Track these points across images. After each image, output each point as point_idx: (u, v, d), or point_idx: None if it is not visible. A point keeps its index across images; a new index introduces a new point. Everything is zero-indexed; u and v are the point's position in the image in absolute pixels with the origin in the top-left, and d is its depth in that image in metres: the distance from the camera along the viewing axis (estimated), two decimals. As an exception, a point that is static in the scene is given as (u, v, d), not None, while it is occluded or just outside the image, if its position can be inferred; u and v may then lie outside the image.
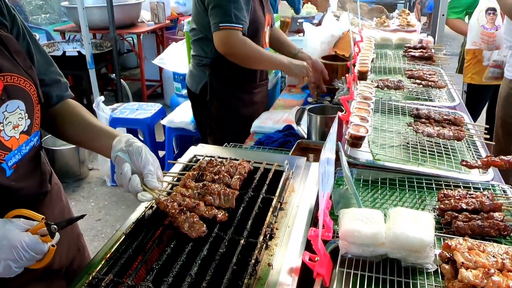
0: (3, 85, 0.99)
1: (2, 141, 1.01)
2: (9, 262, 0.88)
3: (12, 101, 1.02)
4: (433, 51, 2.90)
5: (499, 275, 0.86)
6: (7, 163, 1.02)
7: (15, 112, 1.03)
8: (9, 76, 1.01)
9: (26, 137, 1.08)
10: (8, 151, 1.02)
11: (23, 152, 1.07)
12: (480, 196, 1.27)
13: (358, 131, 1.54)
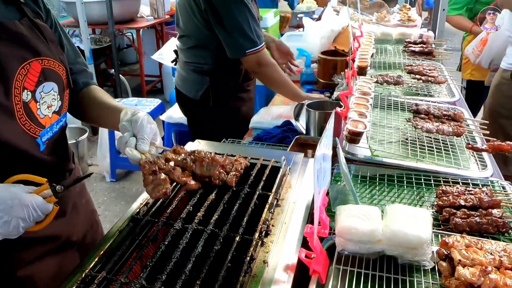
0: (41, 67, 1.11)
1: (38, 119, 1.11)
2: (19, 220, 0.93)
3: (48, 83, 1.13)
4: (433, 46, 2.88)
5: (497, 273, 0.85)
6: (41, 138, 1.13)
7: (50, 93, 1.14)
8: (46, 60, 1.12)
9: (57, 117, 1.19)
10: (42, 128, 1.13)
11: (54, 130, 1.18)
12: (479, 193, 1.26)
13: (357, 126, 1.53)
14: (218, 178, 1.18)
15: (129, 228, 1.06)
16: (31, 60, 1.08)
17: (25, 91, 1.07)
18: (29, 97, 1.08)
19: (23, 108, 1.06)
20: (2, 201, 0.92)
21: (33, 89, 1.09)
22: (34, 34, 1.11)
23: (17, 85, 1.05)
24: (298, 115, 2.17)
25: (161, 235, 1.04)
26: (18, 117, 1.06)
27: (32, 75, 1.08)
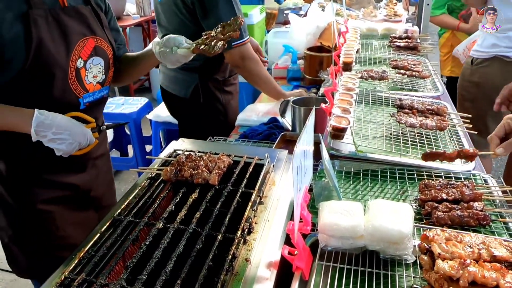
0: (94, 44, 1.43)
1: (84, 83, 1.42)
2: (78, 144, 1.34)
3: (97, 57, 1.45)
4: (418, 41, 2.90)
5: (475, 265, 0.86)
6: (83, 99, 1.43)
7: (97, 66, 1.45)
8: (99, 39, 1.45)
9: (100, 87, 1.49)
10: (86, 91, 1.43)
11: (95, 97, 1.48)
12: (461, 186, 1.27)
13: (340, 122, 1.53)
14: (200, 177, 1.17)
15: (110, 229, 1.05)
16: (89, 37, 1.41)
17: (79, 59, 1.37)
18: (81, 65, 1.39)
19: (75, 72, 1.37)
20: (69, 128, 1.31)
21: (86, 59, 1.40)
22: (93, 18, 1.44)
23: (75, 53, 1.36)
24: (284, 112, 2.17)
25: (143, 235, 1.03)
26: (70, 77, 1.35)
27: (87, 48, 1.40)
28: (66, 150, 1.31)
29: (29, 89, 1.30)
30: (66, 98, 1.37)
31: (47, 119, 1.27)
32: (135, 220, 1.06)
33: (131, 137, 3.67)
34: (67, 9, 1.36)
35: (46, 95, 1.32)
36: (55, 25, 1.31)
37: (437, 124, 1.65)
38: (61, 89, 1.34)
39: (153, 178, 1.26)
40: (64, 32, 1.33)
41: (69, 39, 1.34)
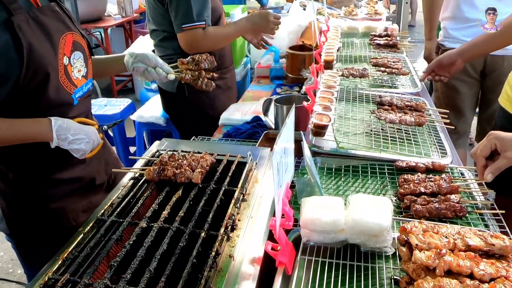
0: (72, 39, 1.43)
1: (72, 79, 1.43)
2: (91, 142, 1.40)
3: (77, 52, 1.46)
4: (398, 38, 2.95)
5: (451, 255, 0.89)
6: (75, 95, 1.44)
7: (79, 60, 1.46)
8: (74, 34, 1.45)
9: (85, 80, 1.51)
10: (75, 86, 1.44)
11: (83, 91, 1.50)
12: (438, 180, 1.31)
13: (322, 120, 1.56)
14: (183, 176, 1.18)
15: (94, 230, 1.05)
16: (67, 33, 1.41)
17: (65, 57, 1.38)
18: (67, 61, 1.40)
19: (63, 69, 1.38)
20: (83, 128, 1.39)
21: (69, 55, 1.41)
22: (63, 14, 1.45)
23: (60, 51, 1.36)
24: (266, 111, 2.18)
25: (127, 234, 1.04)
26: (60, 76, 1.37)
27: (68, 44, 1.41)
28: (85, 148, 1.37)
29: (26, 95, 1.29)
30: (60, 97, 1.38)
31: (63, 123, 1.33)
32: (118, 220, 1.06)
33: (114, 138, 3.64)
34: (42, 9, 1.35)
35: (43, 97, 1.33)
36: (37, 27, 1.30)
37: (416, 120, 1.69)
38: (55, 88, 1.35)
39: (136, 178, 1.26)
40: (47, 32, 1.33)
41: (53, 38, 1.34)
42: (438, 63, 2.17)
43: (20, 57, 1.22)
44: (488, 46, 2.13)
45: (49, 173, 1.46)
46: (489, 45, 2.10)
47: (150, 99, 3.81)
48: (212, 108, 2.46)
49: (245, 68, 3.55)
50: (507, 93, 1.85)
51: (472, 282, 0.83)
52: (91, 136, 1.39)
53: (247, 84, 3.58)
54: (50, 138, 1.30)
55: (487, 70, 2.68)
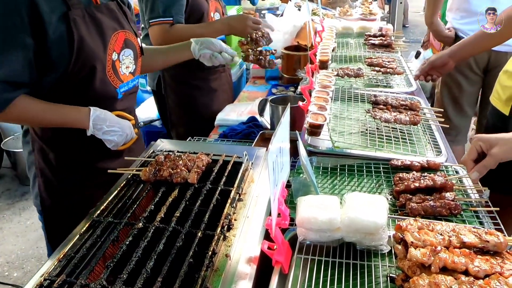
0: (124, 37, 1.56)
1: (119, 74, 1.56)
2: (124, 137, 1.52)
3: (128, 49, 1.59)
4: (393, 38, 2.96)
5: (446, 252, 0.89)
6: (120, 89, 1.57)
7: (128, 57, 1.59)
8: (127, 32, 1.58)
9: (132, 77, 1.64)
10: (121, 82, 1.57)
11: (129, 86, 1.62)
12: (433, 178, 1.31)
13: (317, 119, 1.56)
14: (179, 176, 1.18)
15: (90, 230, 1.05)
16: (119, 31, 1.53)
17: (114, 52, 1.50)
18: (116, 57, 1.52)
19: (111, 64, 1.49)
20: (119, 121, 1.51)
21: (119, 52, 1.53)
22: (120, 13, 1.58)
23: (110, 47, 1.48)
24: (262, 111, 2.19)
25: (123, 235, 1.04)
26: (107, 70, 1.48)
27: (119, 41, 1.53)
28: (117, 141, 1.49)
29: (73, 85, 1.42)
30: (106, 90, 1.50)
31: (101, 114, 1.45)
32: (114, 220, 1.06)
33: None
34: (100, 7, 1.48)
35: (89, 88, 1.45)
36: (92, 23, 1.43)
37: (411, 119, 1.69)
38: (101, 81, 1.47)
39: (132, 179, 1.26)
40: (100, 28, 1.45)
41: (104, 34, 1.46)
42: (431, 65, 2.19)
43: (71, 49, 1.36)
44: (477, 47, 2.16)
45: (88, 161, 1.57)
46: (477, 46, 2.13)
47: (146, 100, 3.80)
48: (192, 109, 2.46)
49: (240, 68, 3.56)
50: (498, 92, 1.87)
51: (467, 279, 0.83)
52: (125, 129, 1.50)
53: (243, 84, 3.58)
54: (86, 126, 1.43)
55: (490, 66, 2.71)
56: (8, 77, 1.31)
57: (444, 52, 2.17)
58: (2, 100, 1.32)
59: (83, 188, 1.57)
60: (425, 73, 2.22)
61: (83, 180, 1.57)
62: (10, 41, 1.30)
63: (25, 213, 3.61)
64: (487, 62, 2.69)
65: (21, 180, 3.98)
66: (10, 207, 3.68)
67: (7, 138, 4.02)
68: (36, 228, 3.40)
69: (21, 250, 3.18)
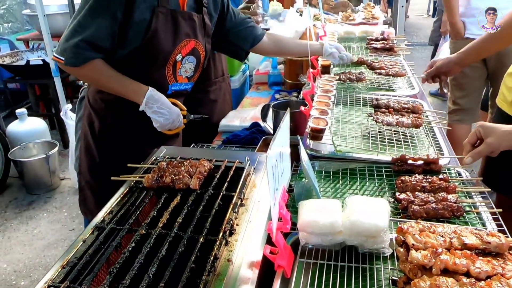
0: (194, 45, 1.76)
1: (177, 74, 1.76)
2: (172, 121, 1.69)
3: (192, 56, 1.79)
4: (395, 42, 2.96)
5: (447, 253, 0.89)
6: (171, 87, 1.78)
7: (191, 63, 1.80)
8: (198, 43, 1.78)
9: (187, 81, 1.84)
10: (176, 81, 1.77)
11: (180, 88, 1.81)
12: (436, 180, 1.31)
13: (319, 124, 1.57)
14: (181, 182, 1.19)
15: (93, 237, 1.06)
16: (191, 39, 1.73)
17: (179, 54, 1.71)
18: (179, 59, 1.72)
19: (172, 63, 1.71)
20: (169, 106, 1.68)
21: (184, 55, 1.74)
22: (200, 25, 1.77)
23: (178, 48, 1.70)
24: (265, 116, 2.20)
25: (126, 241, 1.05)
26: (167, 66, 1.70)
27: (188, 47, 1.73)
28: (163, 122, 1.65)
29: (137, 64, 1.65)
30: (160, 81, 1.71)
31: (156, 95, 1.63)
32: (117, 227, 1.07)
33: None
34: (183, 13, 1.69)
35: (147, 73, 1.67)
36: (171, 22, 1.63)
37: (413, 122, 1.69)
38: (158, 73, 1.69)
39: (135, 186, 1.28)
40: (176, 30, 1.65)
41: (177, 36, 1.66)
42: (437, 71, 2.19)
43: (145, 35, 1.59)
44: (482, 52, 2.20)
45: (128, 139, 1.78)
46: (483, 51, 2.16)
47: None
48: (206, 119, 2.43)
49: (243, 75, 3.57)
50: (503, 93, 1.86)
51: (469, 280, 0.83)
52: (173, 115, 1.67)
53: (246, 90, 3.60)
54: (140, 101, 1.62)
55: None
56: (94, 38, 1.54)
57: (451, 59, 2.17)
58: (83, 57, 1.56)
59: (118, 162, 1.54)
60: (431, 76, 2.23)
61: (119, 156, 1.69)
62: (105, 10, 1.53)
63: (32, 222, 3.63)
64: None
65: (28, 189, 4.01)
66: (17, 216, 3.71)
67: (14, 148, 4.06)
68: (43, 236, 3.42)
69: (28, 259, 3.20)
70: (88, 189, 1.90)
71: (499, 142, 1.29)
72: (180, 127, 1.75)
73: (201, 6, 1.79)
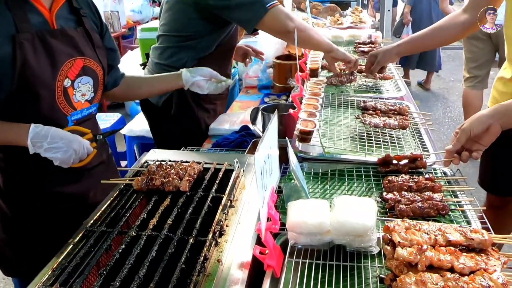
0: (83, 64, 1.47)
1: (72, 102, 1.47)
2: (73, 153, 1.35)
3: (86, 77, 1.49)
4: (382, 45, 3.01)
5: (432, 250, 0.91)
6: (71, 117, 1.48)
7: (86, 84, 1.50)
8: (88, 59, 1.49)
9: (88, 105, 1.54)
10: (74, 109, 1.48)
11: (82, 114, 1.52)
12: (422, 180, 1.34)
13: (307, 126, 1.59)
14: (171, 184, 1.20)
15: (83, 240, 1.06)
16: (76, 58, 1.45)
17: (66, 79, 1.42)
18: (68, 84, 1.43)
19: (62, 91, 1.42)
20: (65, 137, 1.35)
21: (73, 78, 1.45)
22: (83, 39, 1.50)
23: (62, 73, 1.40)
24: (254, 120, 2.21)
25: (116, 243, 1.05)
26: (57, 97, 1.41)
27: (75, 68, 1.45)
28: (62, 158, 1.33)
29: (19, 108, 1.37)
30: (54, 116, 1.42)
31: (42, 130, 1.33)
32: (107, 229, 1.08)
33: (105, 153, 3.64)
34: (55, 32, 1.41)
35: (35, 114, 1.38)
36: (42, 47, 1.36)
37: (400, 123, 1.73)
38: (49, 108, 1.40)
39: (125, 189, 1.28)
40: (51, 53, 1.38)
41: (56, 60, 1.38)
42: (380, 64, 2.20)
43: (14, 71, 1.31)
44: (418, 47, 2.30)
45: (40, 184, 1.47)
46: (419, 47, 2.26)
47: (140, 113, 3.82)
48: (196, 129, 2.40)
49: (233, 79, 3.59)
50: (495, 97, 1.90)
51: (453, 276, 0.85)
52: (73, 145, 1.35)
53: (236, 94, 3.61)
54: (26, 144, 1.32)
55: None
56: None
57: (392, 50, 2.17)
58: None
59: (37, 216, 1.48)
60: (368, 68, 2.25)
61: (36, 207, 1.48)
62: None
63: None
64: None
65: None
66: None
67: None
68: None
69: None
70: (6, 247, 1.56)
71: (471, 125, 1.32)
72: (90, 153, 1.42)
73: (80, 16, 1.51)
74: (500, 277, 0.84)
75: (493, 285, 0.82)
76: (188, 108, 2.32)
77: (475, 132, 1.31)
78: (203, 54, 2.21)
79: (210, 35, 2.18)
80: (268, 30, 2.10)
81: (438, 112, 5.64)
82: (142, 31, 3.71)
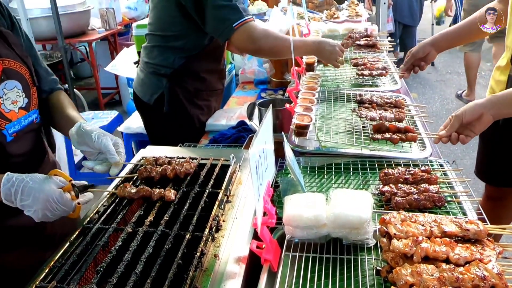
0: (2, 67, 1.23)
1: (3, 113, 1.23)
2: (45, 211, 1.08)
3: (10, 81, 1.26)
4: (378, 38, 3.00)
5: (427, 241, 0.92)
6: (7, 131, 1.24)
7: (13, 90, 1.27)
8: (7, 61, 1.25)
9: (25, 113, 1.31)
10: (8, 121, 1.25)
11: (22, 124, 1.29)
12: (418, 172, 1.34)
13: (303, 120, 1.59)
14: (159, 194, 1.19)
15: (80, 237, 1.06)
16: None
17: None
18: None
19: None
20: (31, 194, 1.07)
21: None
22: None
23: None
24: (251, 115, 2.21)
25: (113, 240, 1.05)
26: None
27: None
28: (36, 217, 1.09)
29: None
30: None
31: (13, 185, 1.09)
32: (104, 226, 1.08)
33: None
34: None
35: None
36: None
37: (396, 116, 1.73)
38: None
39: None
40: None
41: None
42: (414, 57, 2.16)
43: None
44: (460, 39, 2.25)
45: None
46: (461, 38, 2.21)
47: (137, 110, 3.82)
48: (190, 126, 2.38)
49: (229, 74, 3.58)
50: (492, 86, 1.90)
51: (448, 266, 0.86)
52: (39, 205, 1.07)
53: (232, 90, 3.61)
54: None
55: None
56: None
57: (426, 42, 2.18)
58: None
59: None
60: (410, 65, 2.23)
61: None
62: None
63: None
64: None
65: None
66: None
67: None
68: None
69: None
70: None
71: (464, 112, 1.38)
72: (77, 209, 1.15)
73: None
74: (495, 267, 0.84)
75: (488, 275, 0.82)
76: (180, 106, 2.29)
77: (468, 119, 1.37)
78: (191, 53, 2.17)
79: (196, 34, 2.11)
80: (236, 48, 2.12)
81: (436, 105, 5.64)
82: (137, 27, 3.69)
